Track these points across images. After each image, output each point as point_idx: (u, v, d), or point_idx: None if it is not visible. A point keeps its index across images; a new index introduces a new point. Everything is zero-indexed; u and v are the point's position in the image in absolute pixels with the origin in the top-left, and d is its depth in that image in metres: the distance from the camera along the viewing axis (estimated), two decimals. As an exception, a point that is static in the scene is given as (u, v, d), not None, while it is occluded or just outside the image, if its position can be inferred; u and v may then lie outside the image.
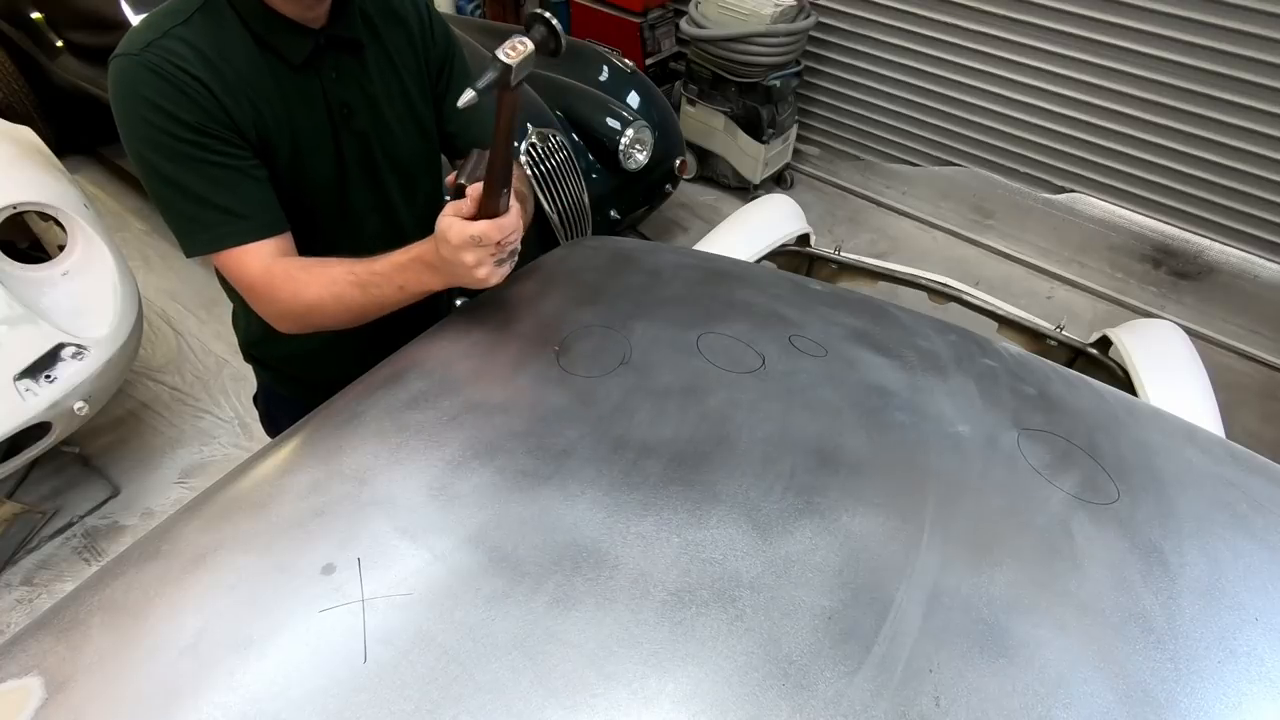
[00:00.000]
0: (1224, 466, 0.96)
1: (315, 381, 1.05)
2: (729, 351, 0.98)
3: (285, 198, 1.00)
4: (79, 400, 1.92)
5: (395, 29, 1.07)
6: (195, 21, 0.90)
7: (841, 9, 3.50)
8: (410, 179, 1.14)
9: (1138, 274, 3.25)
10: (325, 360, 1.15)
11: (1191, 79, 2.81)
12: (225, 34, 0.92)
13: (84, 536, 2.22)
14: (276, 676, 0.61)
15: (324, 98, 1.00)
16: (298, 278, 0.95)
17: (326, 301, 0.95)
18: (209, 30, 0.91)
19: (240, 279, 0.97)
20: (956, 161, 3.57)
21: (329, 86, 1.00)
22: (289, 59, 0.96)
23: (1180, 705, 0.64)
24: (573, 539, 0.71)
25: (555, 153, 2.55)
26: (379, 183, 1.10)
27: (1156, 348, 1.70)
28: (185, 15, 0.90)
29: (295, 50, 0.96)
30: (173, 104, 0.87)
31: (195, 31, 0.89)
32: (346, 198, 1.06)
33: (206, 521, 0.76)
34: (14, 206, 2.04)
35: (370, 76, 1.04)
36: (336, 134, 1.02)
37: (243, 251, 0.95)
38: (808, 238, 2.11)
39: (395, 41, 1.06)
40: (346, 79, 1.02)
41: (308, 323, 0.99)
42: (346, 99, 1.02)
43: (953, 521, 0.78)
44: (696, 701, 0.60)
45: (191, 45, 0.89)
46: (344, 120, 1.02)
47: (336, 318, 0.98)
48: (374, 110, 1.05)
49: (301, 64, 0.97)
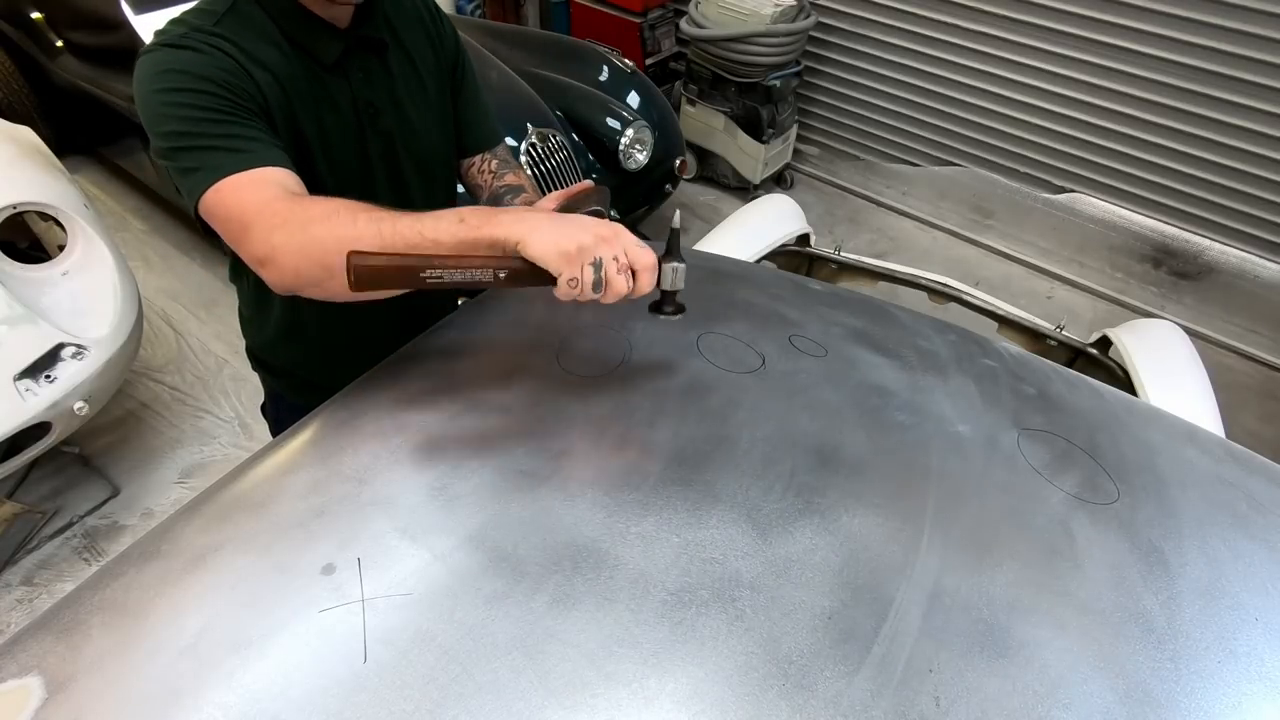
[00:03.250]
0: (1224, 466, 0.96)
1: (325, 386, 0.98)
2: (729, 351, 0.98)
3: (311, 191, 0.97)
4: (79, 400, 1.92)
5: (413, 29, 1.08)
6: (226, 21, 0.90)
7: (841, 9, 3.50)
8: (431, 177, 1.14)
9: (1138, 274, 3.25)
10: (335, 365, 1.10)
11: (1191, 79, 2.81)
12: (258, 32, 0.92)
13: (84, 536, 2.22)
14: (276, 676, 0.60)
15: (352, 97, 1.00)
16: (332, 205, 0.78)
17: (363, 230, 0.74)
18: (241, 29, 0.91)
19: (241, 210, 0.80)
20: (956, 161, 3.57)
21: (357, 86, 1.01)
22: (321, 59, 0.96)
23: (1180, 705, 0.64)
24: (573, 539, 0.71)
25: (555, 153, 2.55)
26: (403, 182, 1.10)
27: (1156, 348, 1.70)
28: (216, 16, 0.90)
29: (328, 50, 0.96)
30: (204, 68, 0.84)
31: (227, 28, 0.89)
32: (371, 197, 0.99)
33: (206, 521, 0.76)
34: (14, 206, 2.03)
35: (394, 76, 1.05)
36: (362, 133, 1.03)
37: (259, 175, 0.81)
38: (808, 238, 2.11)
39: (414, 41, 1.08)
40: (373, 79, 1.02)
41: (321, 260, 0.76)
42: (372, 98, 1.02)
43: (953, 521, 0.78)
44: (696, 701, 0.60)
45: (223, 37, 0.88)
46: (370, 120, 1.03)
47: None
48: (398, 110, 1.05)
49: (332, 64, 0.97)
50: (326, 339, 1.19)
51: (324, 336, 1.19)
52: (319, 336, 1.19)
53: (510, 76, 2.74)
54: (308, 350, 1.23)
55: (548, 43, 3.25)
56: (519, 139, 2.48)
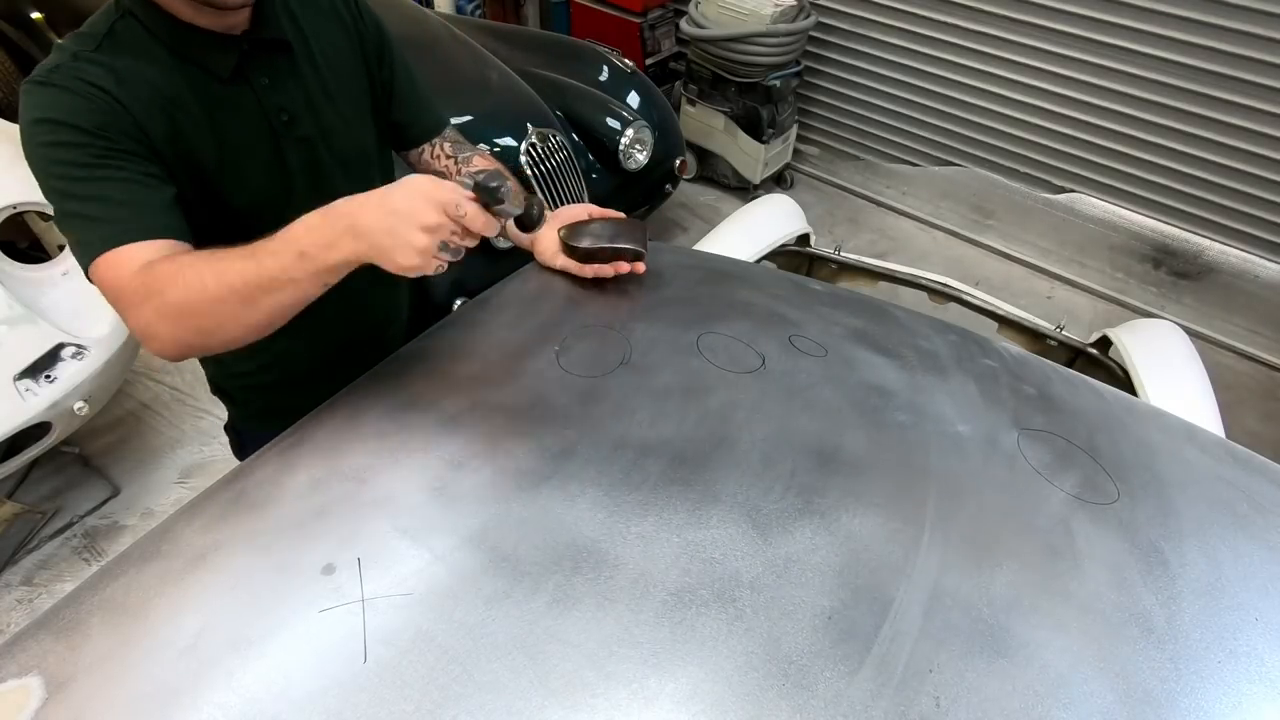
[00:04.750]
0: (1224, 466, 0.96)
1: (285, 414, 0.93)
2: (729, 351, 0.98)
3: (217, 217, 0.92)
4: (79, 400, 1.92)
5: (325, 23, 1.01)
6: (105, 45, 0.85)
7: (841, 9, 3.50)
8: (363, 178, 1.06)
9: (1138, 274, 3.25)
10: (294, 392, 1.04)
11: (1191, 79, 2.81)
12: (139, 51, 0.86)
13: (84, 536, 2.22)
14: (276, 676, 0.60)
15: (259, 107, 0.94)
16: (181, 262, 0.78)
17: (208, 282, 0.75)
18: (121, 49, 0.85)
19: (114, 287, 0.80)
20: (956, 161, 3.57)
21: (263, 94, 0.94)
22: (215, 72, 0.90)
23: (1180, 705, 0.64)
24: (573, 539, 0.71)
25: (555, 153, 2.55)
26: (330, 189, 0.92)
27: (1156, 348, 1.70)
28: (96, 39, 0.85)
29: (220, 63, 0.90)
30: (72, 114, 0.80)
31: (106, 53, 0.84)
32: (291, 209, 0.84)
33: (206, 521, 0.76)
34: (14, 206, 2.03)
35: (306, 78, 0.98)
36: (278, 143, 0.97)
37: (123, 253, 0.79)
38: (808, 238, 2.11)
39: (327, 36, 1.01)
40: (281, 84, 0.96)
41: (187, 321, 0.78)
42: (284, 104, 0.96)
43: (953, 522, 0.78)
44: (696, 701, 0.60)
45: (101, 64, 0.83)
46: (285, 128, 0.97)
47: (221, 309, 0.77)
48: (314, 112, 0.99)
49: (230, 76, 0.91)
50: (287, 363, 1.14)
51: (279, 363, 1.14)
52: (279, 361, 1.14)
53: (510, 76, 2.74)
54: (265, 376, 1.18)
55: (548, 43, 3.25)
56: (519, 139, 2.48)
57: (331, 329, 1.10)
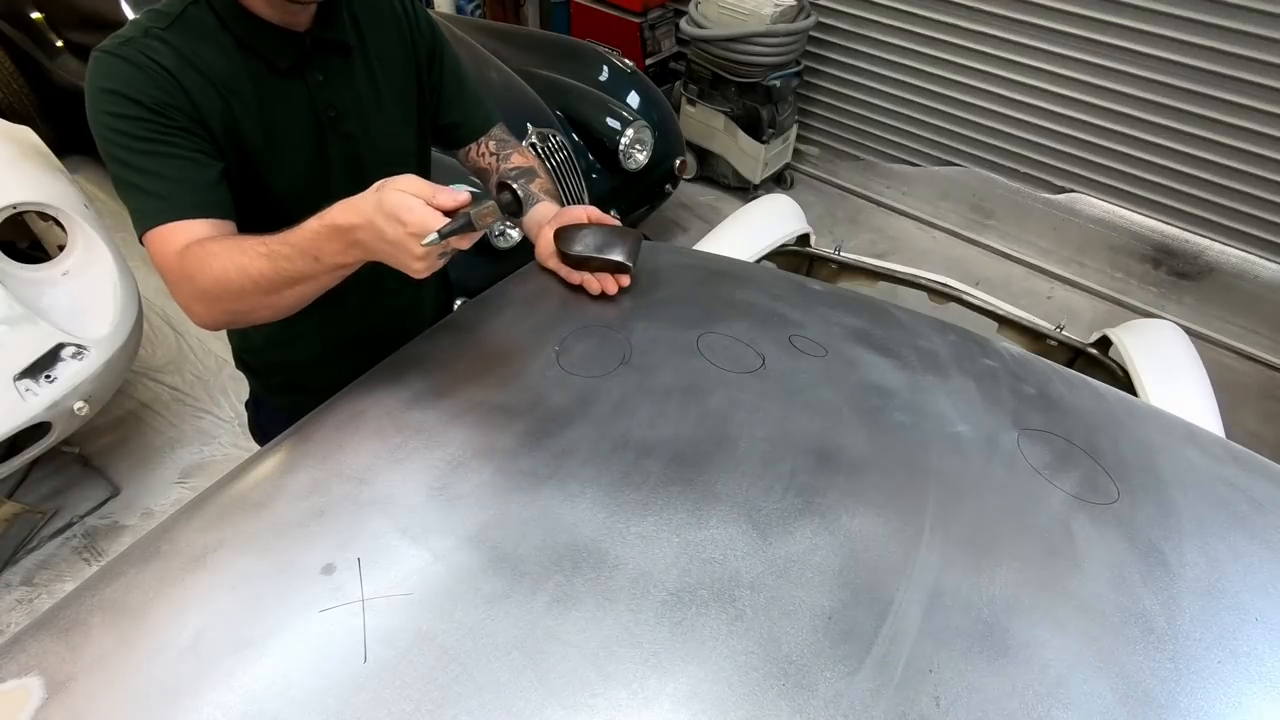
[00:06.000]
0: (1224, 466, 0.96)
1: (307, 391, 1.00)
2: (729, 351, 0.98)
3: (259, 196, 0.98)
4: (79, 400, 1.92)
5: (383, 28, 1.05)
6: (176, 25, 0.90)
7: (841, 9, 3.50)
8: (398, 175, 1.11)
9: (1138, 274, 3.25)
10: (318, 370, 1.11)
11: (1191, 79, 2.81)
12: (206, 37, 0.92)
13: (84, 536, 2.22)
14: (276, 676, 0.61)
15: (310, 100, 0.99)
16: (211, 250, 0.86)
17: (231, 274, 0.84)
18: (190, 32, 0.91)
19: (159, 262, 0.89)
20: (956, 161, 3.57)
21: (315, 89, 0.99)
22: (275, 63, 0.95)
23: (1180, 705, 0.64)
24: (573, 539, 0.71)
25: (555, 153, 2.55)
26: (367, 184, 1.00)
27: (1156, 348, 1.70)
28: (170, 18, 0.91)
29: (281, 55, 0.95)
30: (134, 88, 0.87)
31: (175, 33, 0.90)
32: (328, 199, 0.91)
33: (206, 521, 0.76)
34: (14, 206, 2.03)
35: (358, 78, 1.02)
36: (322, 135, 1.01)
37: (168, 230, 0.88)
38: (808, 238, 2.11)
39: (384, 41, 1.05)
40: (335, 81, 1.00)
41: (218, 304, 0.88)
42: (333, 101, 1.00)
43: (953, 522, 0.78)
44: (696, 701, 0.60)
45: (169, 44, 0.89)
46: (331, 123, 1.01)
47: (246, 298, 0.86)
48: (362, 112, 1.03)
49: (288, 69, 0.96)
50: (305, 344, 1.18)
51: (308, 340, 1.18)
52: (304, 340, 1.18)
53: (510, 76, 2.74)
54: (288, 355, 1.22)
55: (548, 43, 3.25)
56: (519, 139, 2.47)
57: (352, 317, 1.16)
